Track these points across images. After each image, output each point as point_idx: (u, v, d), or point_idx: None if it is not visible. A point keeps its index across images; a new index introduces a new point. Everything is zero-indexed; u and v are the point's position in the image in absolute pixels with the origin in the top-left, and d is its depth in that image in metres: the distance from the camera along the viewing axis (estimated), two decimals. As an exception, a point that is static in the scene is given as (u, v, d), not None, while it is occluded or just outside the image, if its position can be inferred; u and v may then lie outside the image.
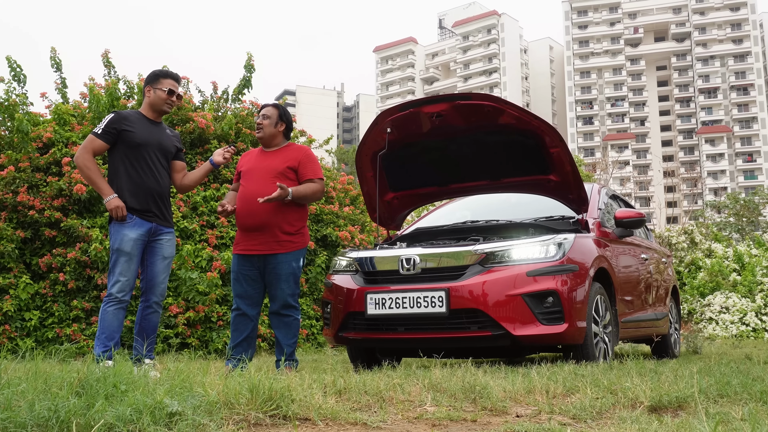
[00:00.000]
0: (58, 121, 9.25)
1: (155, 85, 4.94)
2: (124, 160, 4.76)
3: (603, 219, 5.65)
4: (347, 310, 4.88)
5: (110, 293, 4.63)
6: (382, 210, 5.83)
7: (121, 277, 4.62)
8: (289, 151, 5.09)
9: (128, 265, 4.63)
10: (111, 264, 4.70)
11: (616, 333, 5.22)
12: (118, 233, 4.67)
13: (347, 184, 12.44)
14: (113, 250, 4.68)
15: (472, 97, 4.97)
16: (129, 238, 4.65)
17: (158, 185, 4.83)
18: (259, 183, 4.93)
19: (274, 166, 4.97)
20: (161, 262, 4.85)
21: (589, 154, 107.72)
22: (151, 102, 4.94)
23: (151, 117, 4.95)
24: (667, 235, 20.20)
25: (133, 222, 4.67)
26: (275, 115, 5.13)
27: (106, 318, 4.59)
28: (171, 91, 4.92)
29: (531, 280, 4.45)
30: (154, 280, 4.81)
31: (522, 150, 5.17)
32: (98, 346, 4.58)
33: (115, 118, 4.81)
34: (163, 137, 4.96)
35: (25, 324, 7.91)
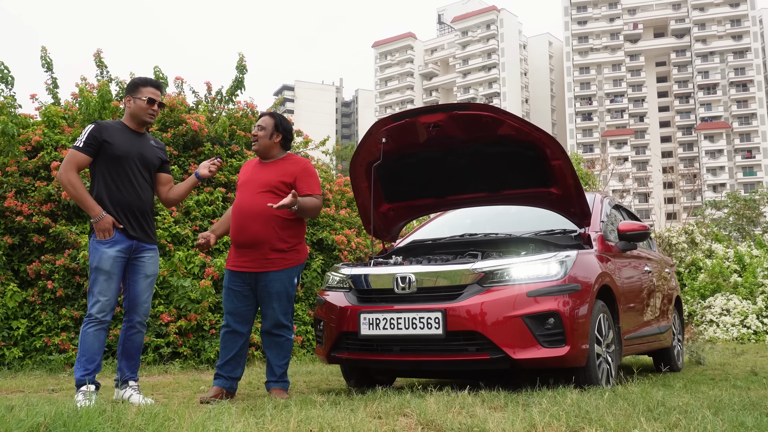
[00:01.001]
0: (47, 124, 9.05)
1: (135, 94, 4.72)
2: (104, 173, 4.54)
3: (606, 231, 5.46)
4: (340, 329, 4.69)
5: (90, 314, 4.40)
6: (377, 221, 5.64)
7: (101, 297, 4.40)
8: (286, 164, 4.88)
9: (108, 285, 4.41)
10: (90, 283, 4.47)
11: (619, 351, 5.04)
12: (96, 251, 4.45)
13: (344, 186, 12.25)
14: (92, 268, 4.45)
15: (470, 107, 4.78)
16: (108, 256, 4.42)
17: (139, 200, 4.60)
18: (252, 197, 4.74)
19: (266, 180, 4.78)
20: (143, 280, 4.61)
21: (588, 150, 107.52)
22: (132, 112, 4.71)
23: (133, 127, 4.71)
24: (667, 235, 20.00)
25: (113, 239, 4.45)
26: (271, 126, 4.92)
27: (87, 340, 4.37)
28: (151, 100, 4.68)
29: (531, 300, 4.26)
30: (136, 300, 4.59)
31: (522, 162, 4.97)
32: (78, 370, 4.37)
33: (95, 129, 4.58)
34: (145, 149, 4.73)
35: (13, 333, 7.72)
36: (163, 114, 9.82)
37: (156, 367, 7.54)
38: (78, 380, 4.32)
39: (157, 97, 4.75)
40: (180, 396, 5.11)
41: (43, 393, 5.30)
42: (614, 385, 4.79)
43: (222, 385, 4.71)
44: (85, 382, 4.29)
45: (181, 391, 5.54)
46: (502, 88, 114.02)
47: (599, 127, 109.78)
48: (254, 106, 10.96)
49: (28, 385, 5.76)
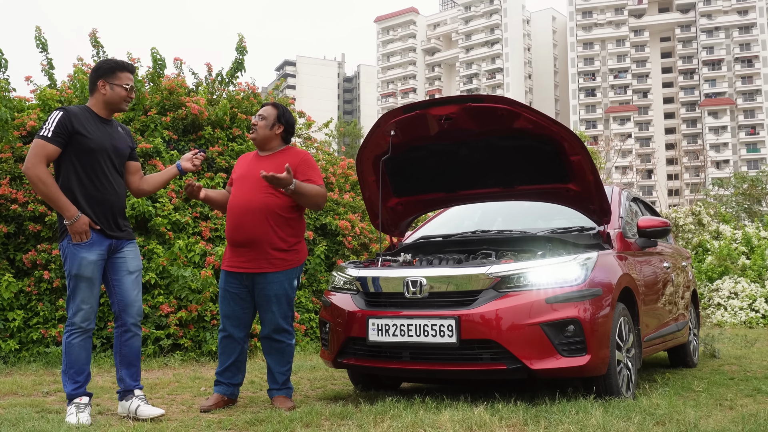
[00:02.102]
0: (42, 108, 8.77)
1: (112, 79, 4.20)
2: (75, 167, 4.06)
3: (625, 228, 5.21)
4: (347, 334, 4.45)
5: (73, 323, 4.04)
6: (384, 216, 5.39)
7: (83, 305, 4.04)
8: (286, 156, 4.59)
9: (90, 291, 4.05)
10: (69, 290, 4.08)
11: (639, 354, 4.82)
12: (75, 256, 4.03)
13: (347, 168, 11.98)
14: (70, 275, 4.06)
15: (485, 99, 4.51)
16: (88, 261, 4.04)
17: (116, 196, 4.20)
18: (249, 192, 4.46)
19: None
20: (128, 277, 4.20)
21: (590, 127, 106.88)
22: (107, 99, 4.20)
23: (102, 115, 4.22)
24: (674, 216, 19.77)
25: (91, 241, 4.05)
26: (273, 116, 4.64)
27: (73, 351, 4.03)
28: (131, 88, 4.25)
29: (550, 307, 4.02)
30: (126, 300, 4.18)
31: (538, 156, 4.71)
32: (68, 384, 4.04)
33: (65, 117, 4.07)
34: (116, 139, 4.27)
35: (8, 325, 7.51)
36: (162, 97, 9.54)
37: (156, 360, 7.34)
38: (69, 394, 4.03)
39: (133, 82, 4.32)
40: (180, 400, 4.91)
41: (37, 396, 5.09)
42: (636, 395, 4.57)
43: (223, 392, 4.49)
44: (76, 396, 4.02)
45: (181, 392, 5.33)
46: (505, 63, 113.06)
47: (602, 104, 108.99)
48: (256, 88, 10.66)
49: (22, 386, 5.55)
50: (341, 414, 3.94)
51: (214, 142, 9.50)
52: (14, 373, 6.68)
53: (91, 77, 4.29)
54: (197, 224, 8.82)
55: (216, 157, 9.30)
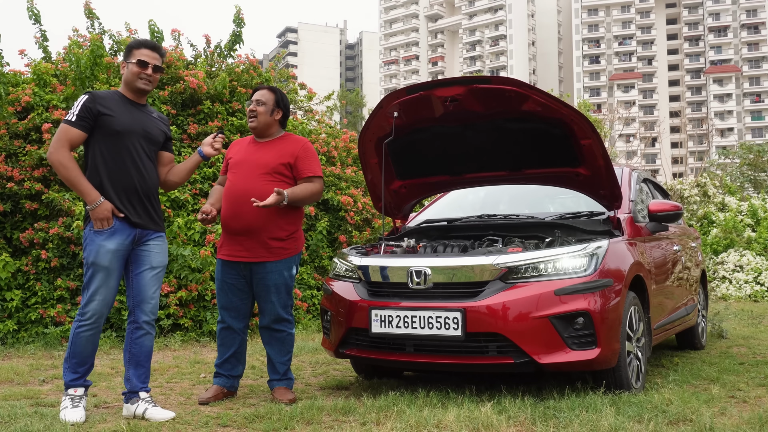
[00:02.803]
0: (37, 82, 8.57)
1: (128, 58, 4.07)
2: (102, 151, 3.91)
3: (635, 212, 5.05)
4: (349, 325, 4.32)
5: (83, 313, 3.85)
6: (387, 199, 5.23)
7: (96, 296, 3.83)
8: (285, 143, 4.43)
9: (106, 282, 3.84)
10: (86, 279, 3.87)
11: (649, 343, 4.69)
12: (93, 243, 3.84)
13: (349, 142, 11.79)
14: (88, 263, 3.86)
15: (492, 80, 4.32)
16: (107, 250, 3.83)
17: (144, 182, 3.98)
18: (248, 179, 4.30)
19: (266, 161, 4.34)
20: (149, 272, 3.99)
21: (594, 94, 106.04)
22: (125, 79, 4.05)
23: (131, 98, 4.05)
24: (679, 188, 19.56)
25: (113, 229, 3.85)
26: (271, 101, 4.46)
27: (79, 343, 3.85)
28: (143, 63, 3.99)
29: (559, 299, 3.88)
30: (142, 295, 3.97)
31: (547, 139, 4.54)
32: (68, 373, 3.87)
33: (89, 100, 3.91)
34: (148, 123, 4.08)
35: (6, 305, 7.40)
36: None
37: (156, 341, 7.23)
38: (67, 384, 3.88)
39: (152, 59, 4.04)
40: (179, 389, 4.80)
41: (33, 385, 4.98)
42: (646, 387, 4.46)
43: (222, 384, 4.37)
44: (73, 386, 3.86)
45: (180, 379, 5.23)
46: (509, 30, 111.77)
47: (606, 71, 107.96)
48: (255, 61, 10.43)
49: (19, 372, 5.45)
50: (343, 409, 3.83)
51: (213, 116, 9.32)
52: (12, 355, 6.60)
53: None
54: (197, 201, 8.68)
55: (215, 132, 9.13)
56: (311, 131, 11.27)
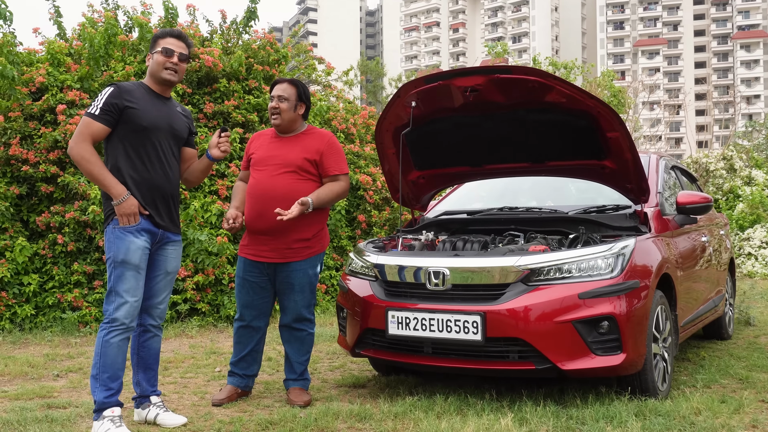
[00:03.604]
0: (51, 62, 8.45)
1: (152, 49, 3.84)
2: (126, 147, 3.68)
3: (663, 204, 4.85)
4: (365, 325, 4.20)
5: (114, 318, 3.55)
6: (405, 190, 5.07)
7: (129, 297, 3.57)
8: (309, 138, 4.27)
9: (137, 282, 3.61)
10: (113, 279, 3.60)
11: (675, 341, 4.53)
12: (122, 240, 3.60)
13: (368, 118, 11.60)
14: (116, 261, 3.59)
15: (514, 70, 4.12)
16: (137, 246, 3.60)
17: (169, 181, 3.79)
18: (272, 178, 4.13)
19: (290, 158, 4.17)
20: (164, 278, 3.82)
21: (618, 61, 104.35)
22: (151, 70, 3.81)
23: (157, 90, 3.82)
24: (704, 161, 19.16)
25: (140, 226, 3.64)
26: (294, 96, 4.26)
27: (110, 352, 3.54)
28: (168, 51, 3.75)
29: (583, 303, 3.72)
30: (153, 299, 3.81)
31: (572, 131, 4.34)
32: (99, 390, 3.54)
33: (114, 93, 3.67)
34: (174, 118, 3.87)
35: (24, 289, 7.38)
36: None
37: (173, 327, 7.20)
38: (99, 403, 3.53)
39: (178, 47, 3.81)
40: (193, 387, 4.72)
41: (47, 380, 4.93)
42: (672, 390, 4.31)
43: (237, 384, 4.28)
44: (108, 405, 3.55)
45: (194, 373, 5.15)
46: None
47: (631, 37, 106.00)
48: (272, 37, 10.23)
49: (34, 364, 5.41)
50: (359, 415, 3.72)
51: (229, 95, 9.17)
52: (29, 342, 6.58)
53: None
54: (213, 182, 8.57)
55: (232, 111, 8.98)
56: (329, 107, 11.10)
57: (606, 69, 35.61)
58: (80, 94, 8.13)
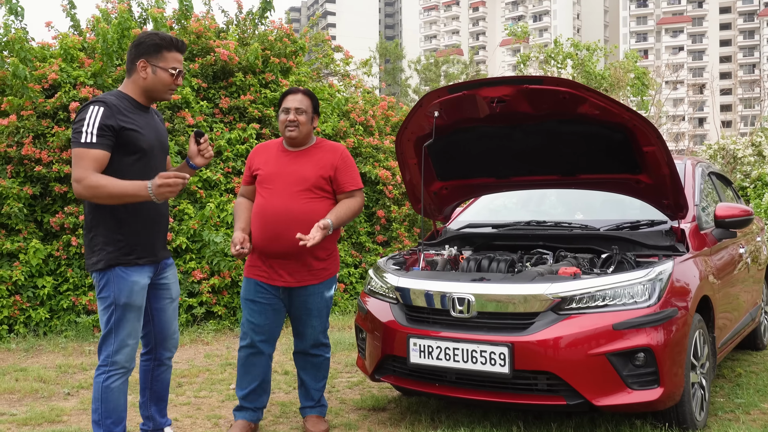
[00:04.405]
0: (64, 57, 8.26)
1: (156, 60, 3.34)
2: (125, 173, 3.23)
3: (700, 218, 4.58)
4: (385, 351, 3.99)
5: (114, 361, 3.29)
6: (427, 201, 4.84)
7: (129, 340, 3.31)
8: (321, 152, 4.00)
9: (137, 323, 3.35)
10: (112, 322, 3.28)
11: (713, 365, 4.29)
12: (123, 280, 3.26)
13: (388, 109, 11.33)
14: (117, 304, 3.26)
15: (545, 81, 3.86)
16: (140, 287, 3.32)
17: (165, 206, 3.49)
18: (286, 197, 3.85)
19: (304, 175, 3.90)
20: (170, 305, 3.57)
21: (641, 39, 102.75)
22: (147, 86, 3.36)
23: (143, 103, 3.40)
24: (732, 148, 18.69)
25: (140, 265, 3.33)
26: (310, 108, 3.99)
27: (112, 397, 3.29)
28: (179, 73, 3.41)
29: (618, 334, 3.49)
30: (165, 331, 3.57)
31: (605, 144, 4.08)
32: None
33: (107, 113, 3.20)
34: (160, 130, 3.52)
35: (38, 292, 7.25)
36: (190, 41, 8.95)
37: (188, 332, 7.05)
38: None
39: (181, 64, 3.46)
40: (206, 409, 4.55)
41: (57, 400, 4.78)
42: (706, 422, 4.06)
43: (249, 419, 4.01)
44: None
45: (208, 391, 4.99)
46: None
47: (654, 15, 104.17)
48: (288, 29, 9.97)
49: (45, 378, 5.27)
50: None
51: (246, 89, 8.95)
52: (43, 349, 6.46)
53: (130, 54, 3.39)
54: (229, 180, 8.40)
55: (248, 106, 8.77)
56: (348, 99, 10.85)
57: (629, 49, 34.94)
58: (93, 90, 7.95)
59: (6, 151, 7.51)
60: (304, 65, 10.67)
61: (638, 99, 29.41)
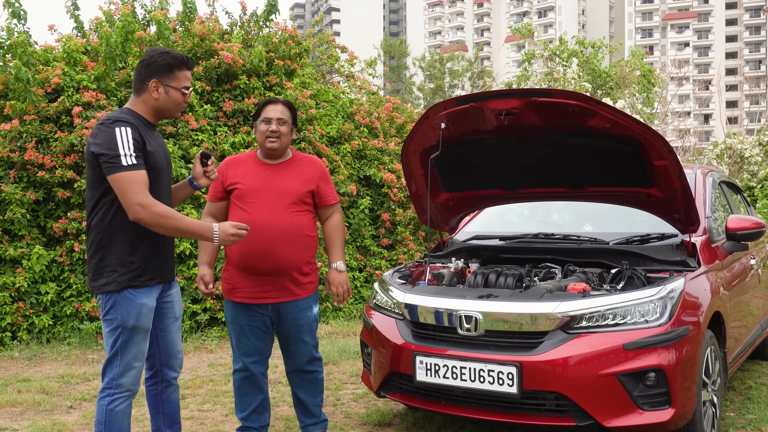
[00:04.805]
0: (67, 61, 8.21)
1: (168, 80, 3.28)
2: None
3: (711, 231, 4.50)
4: (391, 369, 3.93)
5: (119, 384, 3.20)
6: (434, 212, 4.78)
7: (135, 363, 3.23)
8: (301, 166, 3.91)
9: (144, 345, 3.27)
10: (119, 344, 3.19)
11: (724, 381, 4.22)
12: (132, 303, 3.18)
13: (392, 110, 11.26)
14: (125, 327, 3.18)
15: (554, 94, 3.79)
16: (149, 309, 3.25)
17: None
18: (273, 211, 3.74)
19: (290, 188, 3.81)
20: (174, 324, 3.48)
21: (646, 35, 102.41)
22: (159, 105, 3.30)
23: (150, 120, 3.34)
24: (739, 147, 18.56)
25: (149, 287, 3.25)
26: (290, 118, 3.89)
27: (115, 420, 3.19)
28: (189, 92, 3.39)
29: (629, 354, 3.42)
30: (170, 351, 3.48)
31: (615, 157, 4.01)
32: None
33: (134, 132, 3.15)
34: (166, 149, 3.45)
35: (41, 299, 7.21)
36: (194, 44, 8.90)
37: (192, 339, 7.00)
38: None
39: (190, 83, 3.42)
40: (210, 423, 4.50)
41: (59, 414, 4.72)
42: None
43: None
44: None
45: (212, 403, 4.94)
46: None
47: (660, 10, 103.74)
48: (292, 31, 9.90)
49: (47, 389, 5.22)
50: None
51: (250, 92, 8.89)
52: (46, 357, 6.42)
53: (140, 73, 3.30)
54: (233, 185, 8.33)
55: (252, 110, 8.70)
56: (352, 101, 10.78)
57: (635, 46, 34.78)
58: (96, 94, 7.90)
59: (9, 156, 7.47)
60: (308, 66, 10.60)
61: (644, 96, 29.33)
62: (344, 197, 9.49)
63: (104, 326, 3.24)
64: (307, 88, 9.79)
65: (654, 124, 27.86)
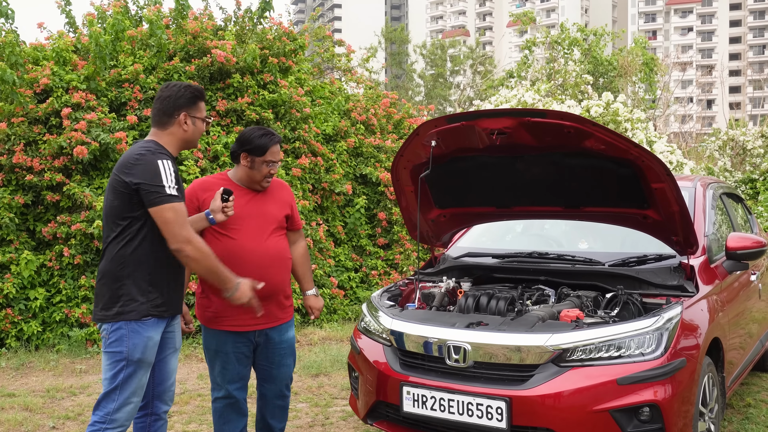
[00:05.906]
0: (56, 60, 8.06)
1: (194, 111, 3.32)
2: (154, 229, 3.14)
3: (710, 250, 4.36)
4: (378, 397, 3.81)
5: (114, 419, 3.11)
6: (424, 228, 4.65)
7: (134, 398, 3.15)
8: (275, 190, 3.87)
9: (144, 380, 3.21)
10: (122, 379, 3.12)
11: (722, 406, 4.10)
12: (139, 335, 3.13)
13: (390, 106, 11.10)
14: (130, 360, 3.11)
15: (548, 114, 3.65)
16: (154, 342, 3.19)
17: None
18: (262, 237, 3.68)
19: (272, 214, 3.76)
20: (172, 356, 3.40)
21: (649, 20, 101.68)
22: (188, 137, 3.34)
23: (174, 153, 3.34)
24: (742, 139, 18.37)
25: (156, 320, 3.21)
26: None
27: None
28: (207, 117, 3.48)
29: (623, 390, 3.30)
30: (164, 383, 3.38)
31: (611, 178, 3.87)
32: None
33: (173, 165, 3.20)
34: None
35: (30, 304, 7.10)
36: (186, 42, 8.73)
37: (183, 347, 6.89)
38: None
39: None
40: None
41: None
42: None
43: None
44: None
45: (199, 422, 4.83)
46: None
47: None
48: (286, 28, 9.73)
49: (31, 406, 5.12)
50: None
51: (243, 91, 8.73)
52: (33, 367, 6.32)
53: (166, 107, 3.29)
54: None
55: (246, 109, 8.55)
56: (349, 98, 10.62)
57: (637, 31, 34.46)
58: (86, 95, 7.77)
59: (-4, 160, 7.35)
60: (304, 61, 10.42)
61: (646, 84, 29.08)
62: (340, 196, 9.37)
63: (106, 358, 3.17)
64: (303, 85, 9.64)
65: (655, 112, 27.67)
